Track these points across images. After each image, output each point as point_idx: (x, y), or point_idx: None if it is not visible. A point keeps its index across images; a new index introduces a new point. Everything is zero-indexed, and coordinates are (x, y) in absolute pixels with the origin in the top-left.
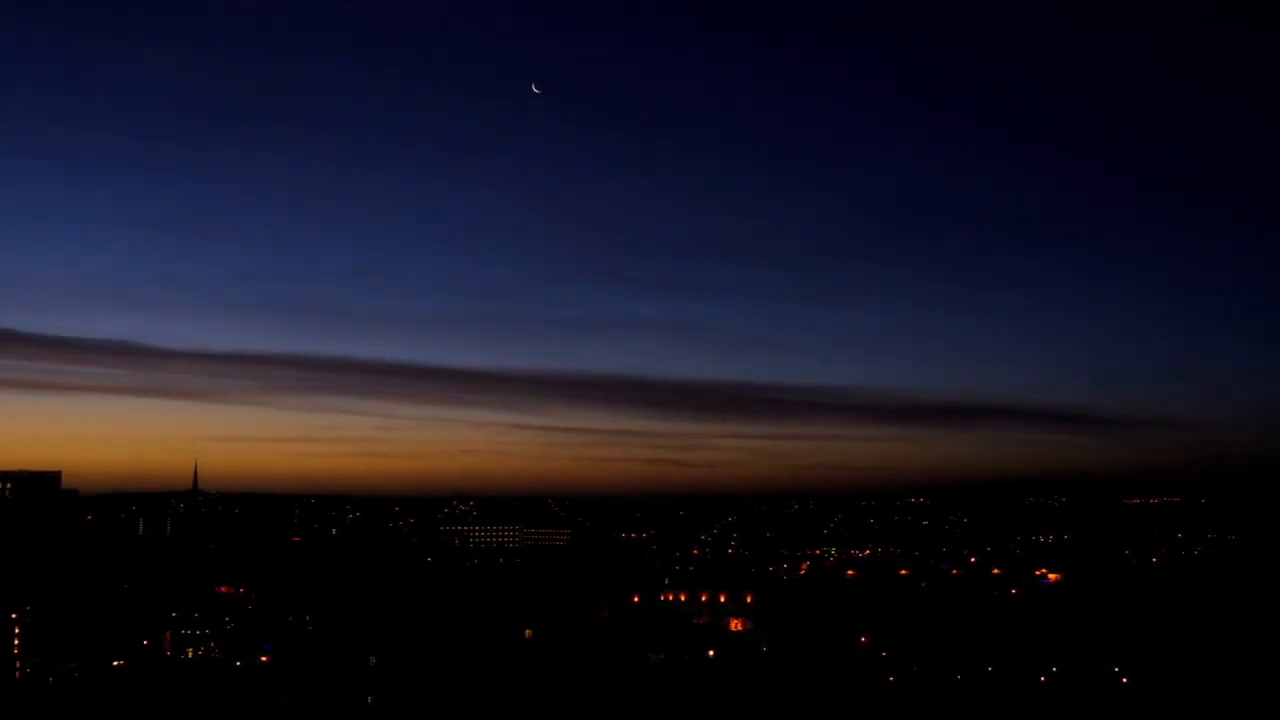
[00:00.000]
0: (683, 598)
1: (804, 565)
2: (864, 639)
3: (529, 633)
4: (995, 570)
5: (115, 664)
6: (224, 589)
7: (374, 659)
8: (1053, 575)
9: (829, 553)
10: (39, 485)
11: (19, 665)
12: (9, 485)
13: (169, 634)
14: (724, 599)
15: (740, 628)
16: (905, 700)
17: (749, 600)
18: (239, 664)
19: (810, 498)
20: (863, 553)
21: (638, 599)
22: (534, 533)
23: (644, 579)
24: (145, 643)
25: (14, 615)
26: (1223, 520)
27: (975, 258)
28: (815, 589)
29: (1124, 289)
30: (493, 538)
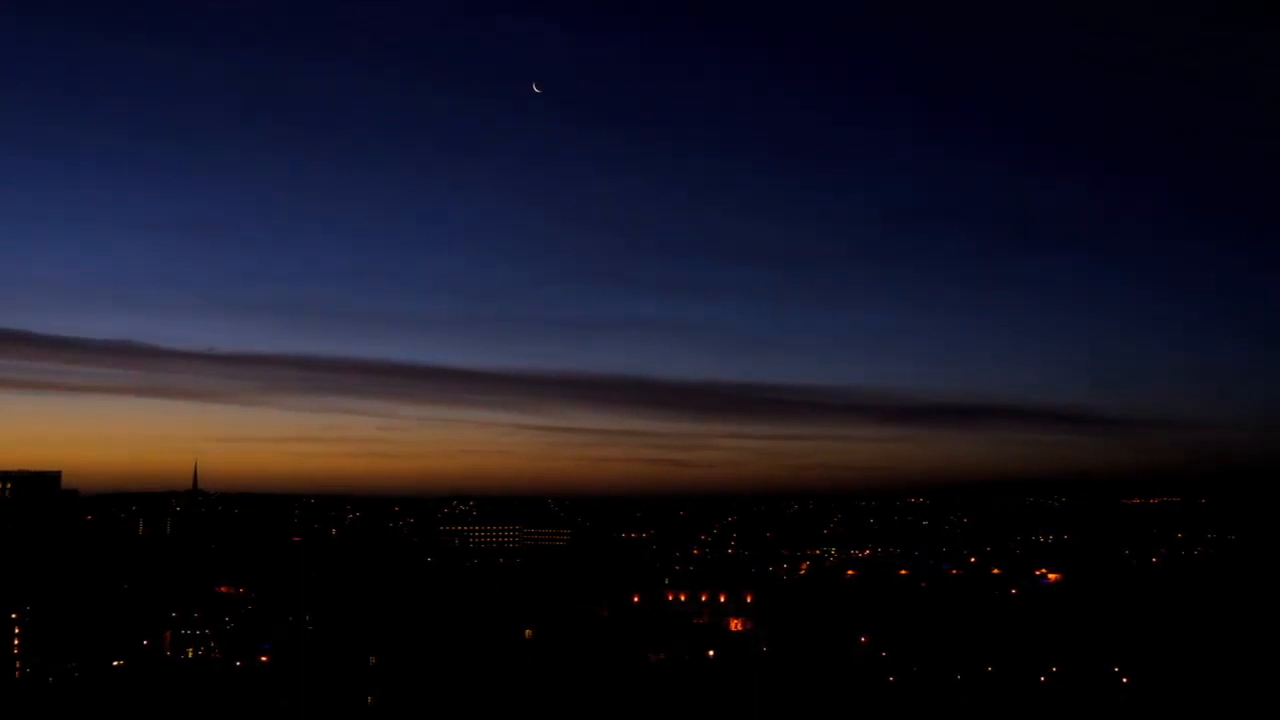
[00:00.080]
0: (683, 598)
1: (804, 565)
2: (864, 639)
3: (529, 633)
4: (995, 570)
5: (115, 664)
6: (224, 589)
7: (374, 659)
8: (1053, 575)
9: (829, 553)
10: (39, 485)
11: (19, 665)
12: (9, 485)
13: (169, 634)
14: (724, 599)
15: (740, 628)
16: (905, 700)
17: (749, 600)
18: (239, 664)
19: (810, 498)
20: (863, 553)
21: (638, 599)
22: (534, 533)
23: (644, 579)
24: (145, 643)
25: (14, 615)
26: (1223, 520)
27: (975, 258)
28: (815, 589)
29: (1124, 289)
30: (493, 538)
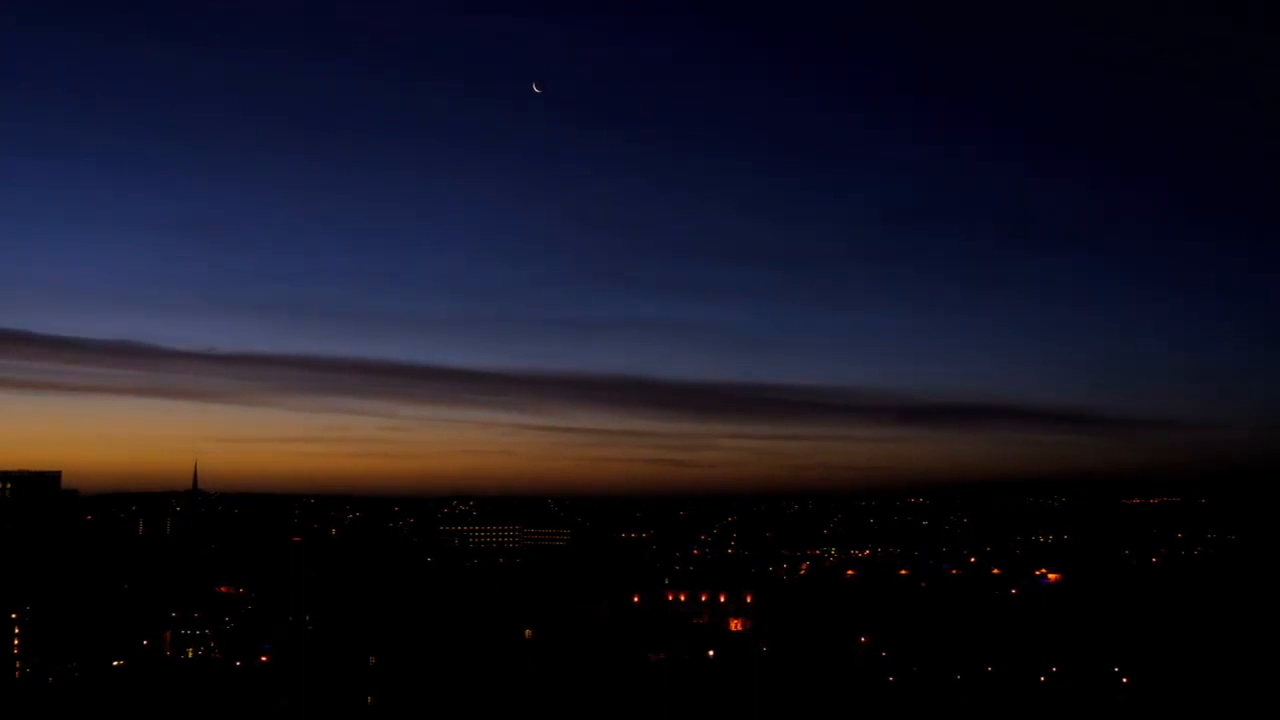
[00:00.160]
0: (683, 598)
1: (804, 565)
2: (864, 639)
3: (529, 633)
4: (995, 570)
5: (115, 664)
6: (224, 589)
7: (374, 659)
8: (1053, 575)
9: (829, 553)
10: (39, 485)
11: (19, 665)
12: (9, 485)
13: (169, 634)
14: (724, 599)
15: (740, 628)
16: (905, 700)
17: (749, 600)
18: (239, 664)
19: (810, 498)
20: (863, 553)
21: (638, 599)
22: (534, 533)
23: (644, 579)
24: (145, 643)
25: (14, 615)
26: (1223, 520)
27: (975, 258)
28: (815, 589)
29: (1124, 289)
30: (493, 538)
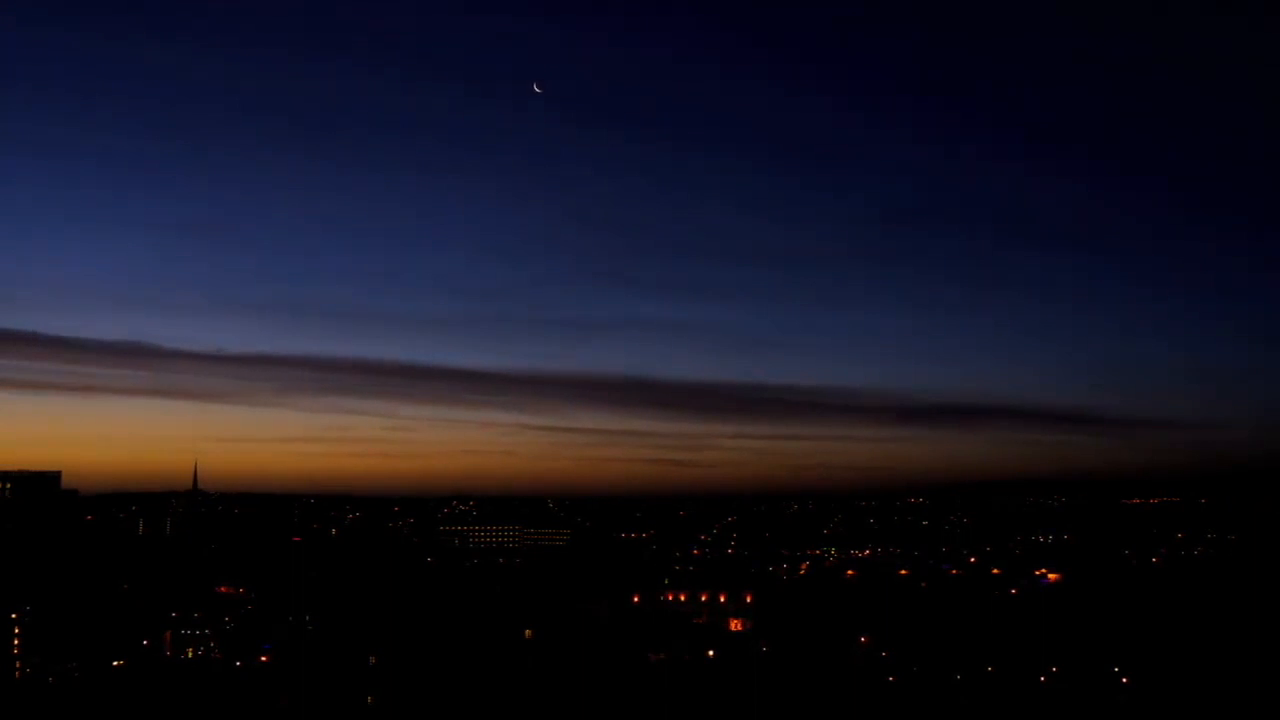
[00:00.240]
0: (683, 598)
1: (804, 565)
2: (864, 639)
3: (529, 633)
4: (995, 570)
5: (115, 664)
6: (224, 589)
7: (374, 659)
8: (1053, 575)
9: (829, 553)
10: (39, 485)
11: (19, 665)
12: (9, 485)
13: (169, 634)
14: (724, 599)
15: (740, 628)
16: (905, 700)
17: (749, 600)
18: (239, 664)
19: (810, 498)
20: (863, 553)
21: (638, 599)
22: (534, 533)
23: (644, 579)
24: (145, 643)
25: (14, 615)
26: (1223, 520)
27: (975, 258)
28: (815, 589)
29: (1124, 289)
30: (493, 538)
